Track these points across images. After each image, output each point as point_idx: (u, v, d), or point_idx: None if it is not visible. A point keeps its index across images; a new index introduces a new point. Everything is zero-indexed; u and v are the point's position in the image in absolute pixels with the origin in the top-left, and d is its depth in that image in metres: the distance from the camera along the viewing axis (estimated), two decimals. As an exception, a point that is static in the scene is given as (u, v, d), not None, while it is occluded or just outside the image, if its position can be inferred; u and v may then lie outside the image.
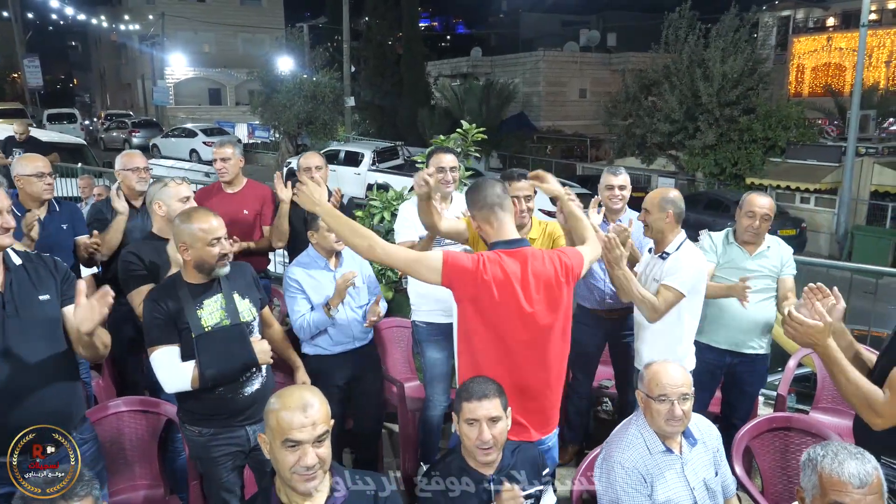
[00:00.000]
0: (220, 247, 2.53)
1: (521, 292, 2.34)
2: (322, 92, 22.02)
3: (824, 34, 30.32)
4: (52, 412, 2.21)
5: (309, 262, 3.38)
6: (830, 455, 1.85)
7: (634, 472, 2.34)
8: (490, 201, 2.42)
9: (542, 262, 2.40)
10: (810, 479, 1.87)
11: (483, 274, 2.31)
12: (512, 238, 2.42)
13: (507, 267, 2.34)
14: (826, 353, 2.09)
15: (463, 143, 4.70)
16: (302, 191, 2.43)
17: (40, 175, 3.66)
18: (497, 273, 2.32)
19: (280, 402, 1.82)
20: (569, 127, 30.78)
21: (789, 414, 3.16)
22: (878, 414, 2.07)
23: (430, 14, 66.25)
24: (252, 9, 40.44)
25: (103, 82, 50.24)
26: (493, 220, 2.42)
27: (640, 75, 19.70)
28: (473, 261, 2.33)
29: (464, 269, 2.32)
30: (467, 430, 2.25)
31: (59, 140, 11.81)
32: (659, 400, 2.34)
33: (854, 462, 1.82)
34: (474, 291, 2.33)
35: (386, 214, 4.54)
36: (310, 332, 3.30)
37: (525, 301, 2.35)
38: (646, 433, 2.41)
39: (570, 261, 2.46)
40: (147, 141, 26.94)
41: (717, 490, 2.46)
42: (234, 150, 4.34)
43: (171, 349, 2.50)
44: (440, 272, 2.31)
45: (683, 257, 3.03)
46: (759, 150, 17.22)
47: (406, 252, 2.46)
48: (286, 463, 1.78)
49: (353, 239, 2.38)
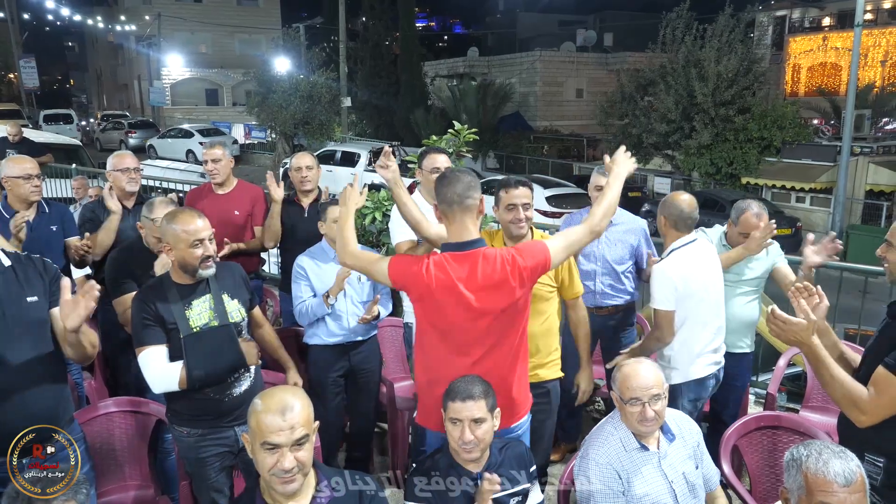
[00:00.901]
0: (202, 248, 2.52)
1: (468, 293, 2.31)
2: (319, 92, 21.98)
3: (820, 34, 30.36)
4: (38, 413, 2.21)
5: (318, 253, 3.49)
6: (814, 455, 1.84)
7: (609, 468, 2.35)
8: (449, 198, 2.35)
9: (493, 265, 2.34)
10: (795, 479, 1.86)
11: (426, 277, 2.32)
12: (464, 240, 2.36)
13: (451, 271, 2.32)
14: (811, 352, 2.10)
15: (455, 143, 4.70)
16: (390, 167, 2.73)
17: (27, 177, 3.65)
18: (440, 276, 2.32)
19: (262, 403, 1.82)
20: (565, 127, 30.79)
21: (777, 412, 3.17)
22: (862, 411, 2.08)
23: (426, 14, 66.27)
24: (248, 9, 40.38)
25: (100, 83, 50.18)
26: (450, 217, 2.38)
27: (636, 75, 19.73)
28: (418, 264, 2.35)
29: (409, 273, 2.36)
30: (451, 428, 2.27)
31: (54, 141, 11.80)
32: (630, 403, 2.35)
33: (838, 461, 1.82)
34: (419, 293, 2.37)
35: (377, 215, 4.54)
36: (308, 317, 3.38)
37: (473, 301, 2.32)
38: (621, 431, 2.43)
39: (525, 261, 2.37)
40: (143, 142, 26.86)
41: (697, 483, 2.47)
42: (225, 151, 4.35)
43: (159, 349, 2.50)
44: (387, 277, 2.41)
45: (661, 271, 3.08)
46: (754, 149, 17.26)
47: (363, 256, 2.54)
48: (265, 465, 1.79)
49: (338, 240, 2.54)
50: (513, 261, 2.35)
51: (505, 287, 2.34)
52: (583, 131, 28.87)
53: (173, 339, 2.51)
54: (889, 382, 2.03)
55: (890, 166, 16.63)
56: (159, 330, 2.50)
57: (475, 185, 2.39)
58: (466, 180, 2.37)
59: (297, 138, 23.47)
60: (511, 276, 2.34)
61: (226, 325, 2.59)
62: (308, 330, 3.49)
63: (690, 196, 3.22)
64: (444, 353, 2.42)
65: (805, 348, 2.10)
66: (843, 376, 2.11)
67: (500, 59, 34.98)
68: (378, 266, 2.44)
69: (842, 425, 2.34)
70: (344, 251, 2.52)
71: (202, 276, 2.56)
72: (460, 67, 35.42)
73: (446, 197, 2.35)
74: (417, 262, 2.36)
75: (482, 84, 27.20)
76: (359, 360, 3.52)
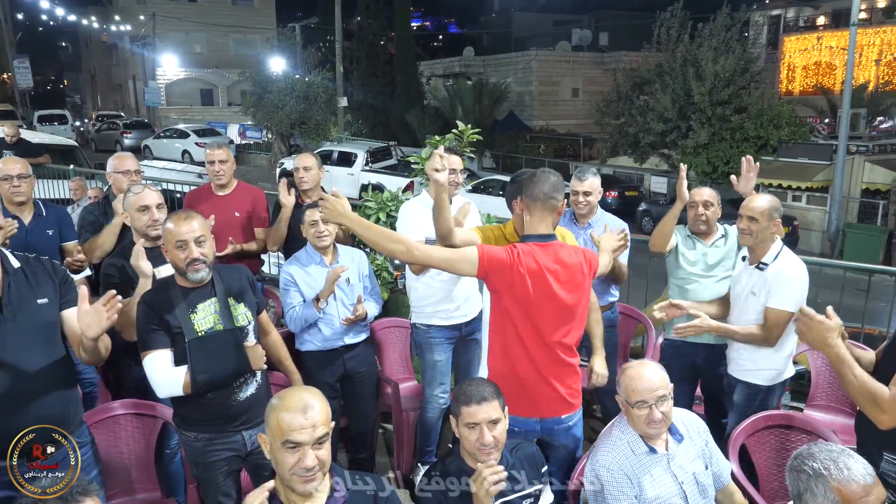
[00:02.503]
0: (187, 251, 2.46)
1: (553, 281, 2.48)
2: (314, 92, 21.98)
3: (815, 33, 30.46)
4: (49, 416, 2.19)
5: (304, 258, 3.44)
6: (833, 465, 1.75)
7: (620, 473, 2.34)
8: (536, 194, 2.54)
9: (570, 255, 2.56)
10: (826, 496, 1.73)
11: (518, 266, 2.43)
12: (544, 233, 2.55)
13: (539, 259, 2.47)
14: (834, 352, 2.11)
15: (458, 143, 4.69)
16: (326, 207, 2.41)
17: (6, 178, 3.62)
18: (530, 263, 2.45)
19: (281, 402, 1.82)
20: (561, 126, 30.86)
21: (786, 412, 3.17)
22: (883, 410, 2.09)
23: (422, 14, 66.21)
24: (243, 9, 40.28)
25: (94, 83, 50.00)
26: (531, 210, 2.55)
27: (631, 74, 19.76)
28: (508, 253, 2.46)
29: (500, 261, 2.45)
30: (467, 433, 2.25)
31: (50, 142, 11.73)
32: (637, 406, 2.34)
33: (854, 462, 1.76)
34: (510, 282, 2.45)
35: (381, 216, 4.53)
36: (299, 324, 3.36)
37: (556, 288, 2.48)
38: (628, 435, 2.42)
39: (590, 257, 2.64)
40: (139, 142, 26.76)
41: (707, 483, 2.46)
42: (229, 153, 4.34)
43: (164, 353, 2.48)
44: (477, 265, 2.44)
45: (786, 270, 3.00)
46: (751, 148, 17.29)
47: (441, 251, 2.57)
48: (286, 464, 1.79)
49: (388, 245, 2.46)
50: (583, 254, 2.60)
51: (579, 276, 2.55)
52: (579, 131, 28.94)
53: (178, 343, 2.48)
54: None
55: (886, 165, 16.71)
56: (164, 334, 2.48)
57: (561, 188, 2.58)
58: (553, 181, 2.56)
59: (293, 138, 23.44)
60: (583, 267, 2.57)
61: (231, 329, 2.56)
62: (300, 336, 3.45)
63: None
64: (527, 341, 2.52)
65: (828, 349, 2.11)
66: (865, 376, 2.12)
67: (496, 58, 35.03)
68: (462, 258, 2.47)
69: (860, 426, 2.35)
70: (410, 255, 2.45)
71: (193, 280, 2.50)
72: (456, 67, 35.44)
73: (533, 193, 2.54)
74: (507, 251, 2.48)
75: (478, 84, 27.19)
76: (354, 364, 3.50)
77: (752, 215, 3.06)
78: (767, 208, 3.04)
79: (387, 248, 2.48)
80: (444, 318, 3.47)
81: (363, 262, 3.58)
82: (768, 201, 3.08)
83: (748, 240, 3.09)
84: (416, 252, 2.44)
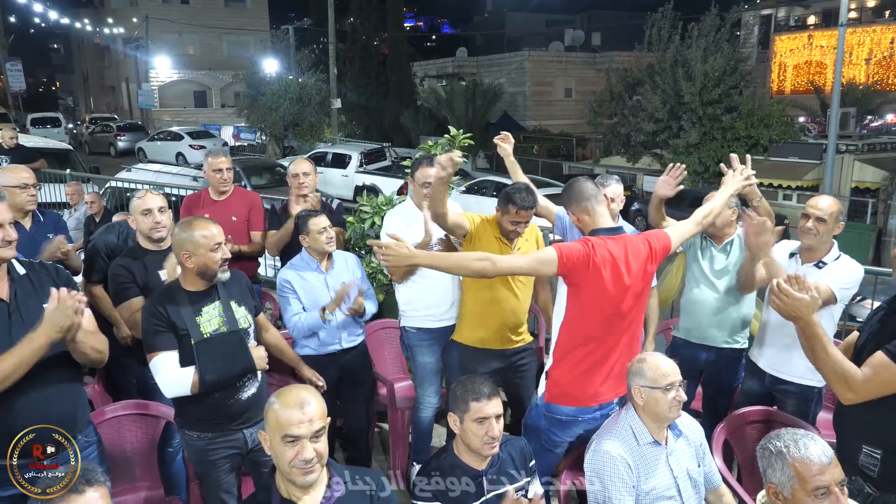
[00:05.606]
0: (221, 252, 2.63)
1: (624, 270, 2.63)
2: (308, 94, 21.98)
3: (805, 32, 30.65)
4: (57, 416, 2.27)
5: (301, 264, 3.51)
6: (793, 444, 1.89)
7: (622, 460, 2.44)
8: (586, 195, 2.71)
9: (637, 245, 2.71)
10: (783, 472, 1.88)
11: (594, 257, 2.57)
12: (611, 226, 2.73)
13: (611, 249, 2.62)
14: (808, 327, 2.15)
15: (451, 147, 4.77)
16: (389, 255, 2.42)
17: (24, 186, 3.70)
18: (605, 255, 2.59)
19: (279, 400, 1.93)
20: (555, 126, 30.94)
21: (766, 408, 3.26)
22: (850, 389, 2.15)
23: (414, 14, 66.26)
24: (236, 11, 40.22)
25: (87, 85, 49.82)
26: (590, 212, 2.70)
27: (624, 74, 19.88)
28: (584, 245, 2.60)
29: (577, 254, 2.57)
30: (476, 428, 2.36)
31: (46, 146, 11.76)
32: (666, 389, 2.44)
33: (813, 443, 1.88)
34: (588, 273, 2.58)
35: (377, 219, 4.60)
36: (303, 332, 3.42)
37: (626, 276, 2.63)
38: (635, 424, 2.52)
39: (657, 244, 2.77)
40: (132, 144, 26.66)
41: (699, 481, 2.58)
42: (230, 159, 4.44)
43: (171, 355, 2.57)
44: (556, 263, 2.56)
45: (851, 268, 3.07)
46: (741, 148, 17.42)
47: (521, 258, 2.84)
48: (286, 457, 1.88)
49: (475, 265, 2.53)
50: (648, 243, 2.75)
51: (646, 264, 2.71)
52: (572, 131, 29.02)
53: (184, 345, 2.58)
54: (885, 366, 2.11)
55: (875, 163, 16.86)
56: (171, 336, 2.57)
57: (596, 184, 2.86)
58: (589, 183, 2.77)
59: (287, 140, 23.46)
60: (650, 255, 2.73)
61: (235, 331, 2.67)
62: (297, 341, 3.51)
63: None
64: (598, 330, 2.67)
65: (803, 323, 2.15)
66: (837, 353, 2.18)
67: (489, 59, 35.09)
68: (543, 261, 2.60)
69: (838, 420, 2.44)
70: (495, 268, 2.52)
71: (219, 280, 2.65)
72: (449, 68, 35.49)
73: (582, 196, 2.71)
74: (582, 243, 2.62)
75: (471, 84, 27.22)
76: (350, 366, 3.57)
77: (821, 216, 3.05)
78: (836, 211, 3.05)
79: (473, 269, 2.54)
80: (433, 321, 3.55)
81: (357, 266, 3.67)
82: (837, 203, 3.10)
83: (812, 239, 3.09)
84: (501, 264, 2.55)
